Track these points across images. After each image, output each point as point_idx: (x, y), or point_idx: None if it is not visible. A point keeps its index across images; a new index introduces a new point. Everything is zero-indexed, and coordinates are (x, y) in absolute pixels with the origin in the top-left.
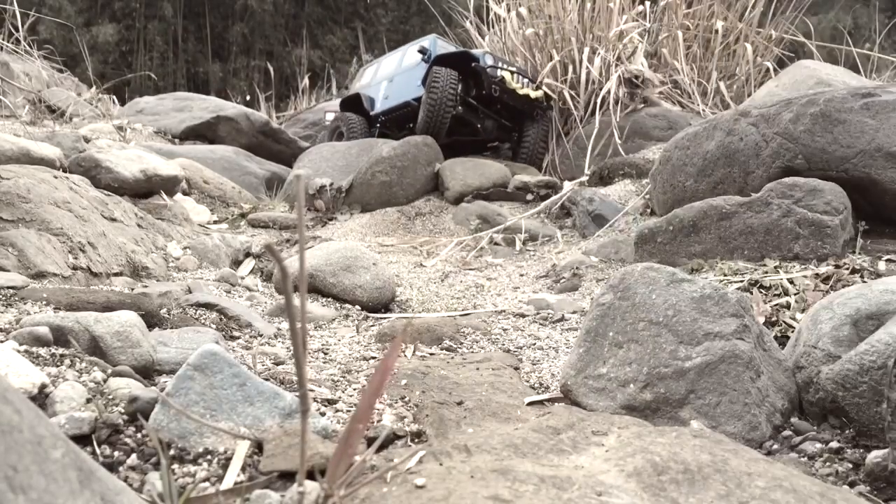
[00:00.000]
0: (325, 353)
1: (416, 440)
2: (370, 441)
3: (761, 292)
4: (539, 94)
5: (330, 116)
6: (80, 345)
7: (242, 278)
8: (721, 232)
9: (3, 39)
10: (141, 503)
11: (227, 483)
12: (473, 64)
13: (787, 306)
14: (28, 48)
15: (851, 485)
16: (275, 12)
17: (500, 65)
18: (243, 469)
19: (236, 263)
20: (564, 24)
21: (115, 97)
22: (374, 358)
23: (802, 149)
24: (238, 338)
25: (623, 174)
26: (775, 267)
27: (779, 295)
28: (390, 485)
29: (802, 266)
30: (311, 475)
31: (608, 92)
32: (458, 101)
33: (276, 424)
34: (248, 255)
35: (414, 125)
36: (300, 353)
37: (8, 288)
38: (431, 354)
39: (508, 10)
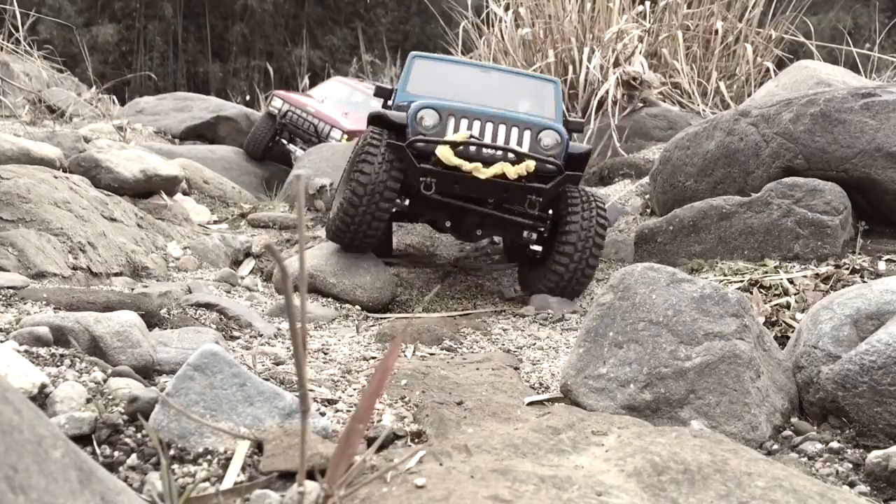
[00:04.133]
0: (325, 353)
1: (416, 440)
2: (370, 441)
3: (761, 292)
4: (525, 166)
5: (277, 103)
6: (80, 345)
7: (242, 278)
8: (721, 232)
9: (3, 39)
10: (141, 503)
11: (227, 483)
12: (388, 140)
13: (787, 306)
14: (28, 48)
15: (851, 485)
16: (275, 12)
17: (444, 128)
18: (243, 469)
19: (236, 263)
20: (564, 25)
21: (115, 97)
22: (374, 358)
23: (802, 149)
24: (238, 338)
25: (623, 174)
26: (775, 267)
27: (779, 295)
28: (390, 485)
29: (802, 266)
30: (311, 475)
31: (606, 92)
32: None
33: (276, 424)
34: (248, 255)
35: None
36: (300, 353)
37: (8, 288)
38: (431, 354)
39: (507, 10)
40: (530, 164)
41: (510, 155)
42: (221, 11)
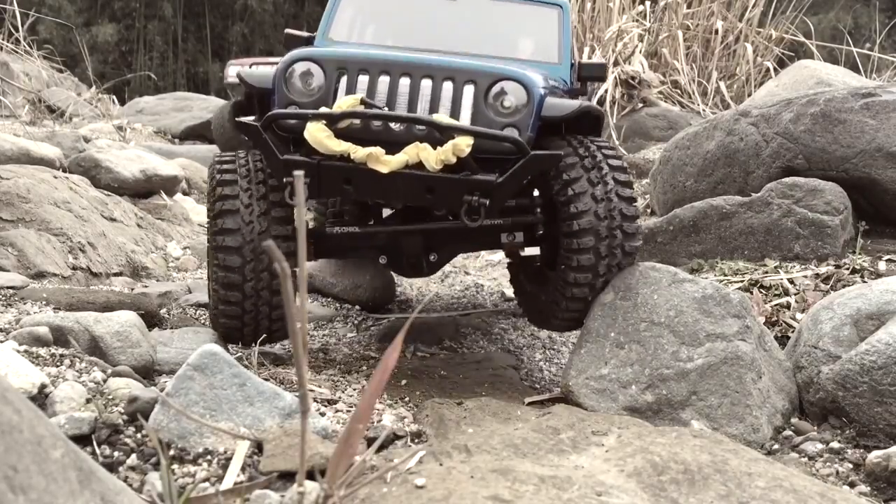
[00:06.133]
0: (325, 353)
1: (416, 440)
2: (370, 441)
3: (762, 292)
4: (452, 147)
5: (233, 71)
6: (79, 345)
7: None
8: (721, 232)
9: (2, 39)
10: (141, 503)
11: (227, 483)
12: (238, 121)
13: (788, 306)
14: (28, 48)
15: (852, 485)
16: (275, 12)
17: (331, 90)
18: (243, 469)
19: None
20: None
21: (114, 97)
22: (374, 358)
23: (803, 149)
24: None
25: None
26: (775, 267)
27: (779, 295)
28: (390, 485)
29: (803, 266)
30: (311, 475)
31: (605, 91)
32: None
33: (276, 424)
34: None
35: None
36: (300, 353)
37: (8, 288)
38: (431, 354)
39: None
40: (461, 144)
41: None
42: (221, 11)
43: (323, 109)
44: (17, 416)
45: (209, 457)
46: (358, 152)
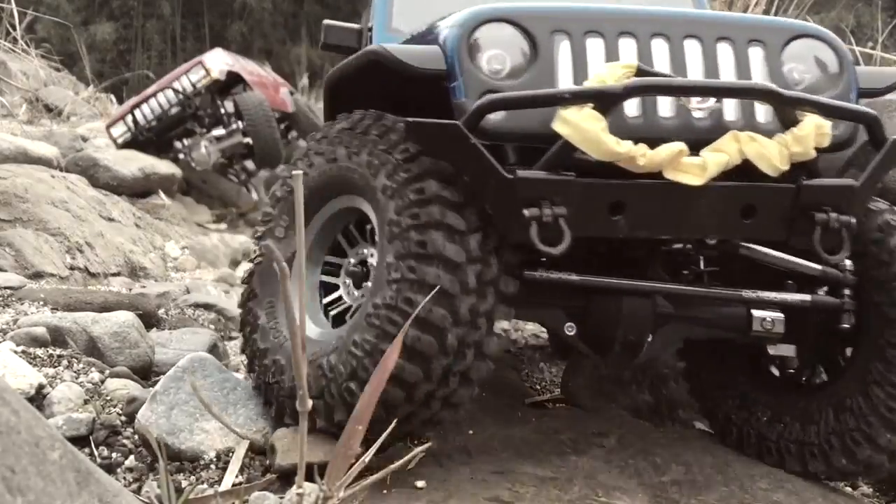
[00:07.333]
0: None
1: (416, 441)
2: (370, 442)
3: None
4: (813, 129)
5: (118, 130)
6: (77, 345)
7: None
8: None
9: (0, 38)
10: None
11: (226, 484)
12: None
13: None
14: (25, 47)
15: (854, 486)
16: (273, 11)
17: (545, 66)
18: (241, 470)
19: (235, 263)
20: None
21: (112, 96)
22: None
23: None
24: (236, 339)
25: None
26: None
27: None
28: (390, 486)
29: None
30: (310, 476)
31: None
32: None
33: (269, 426)
34: (246, 255)
35: None
36: (299, 353)
37: (5, 288)
38: None
39: None
40: (824, 127)
41: (756, 113)
42: (220, 10)
43: (587, 85)
44: (14, 417)
45: (205, 458)
46: (651, 154)
